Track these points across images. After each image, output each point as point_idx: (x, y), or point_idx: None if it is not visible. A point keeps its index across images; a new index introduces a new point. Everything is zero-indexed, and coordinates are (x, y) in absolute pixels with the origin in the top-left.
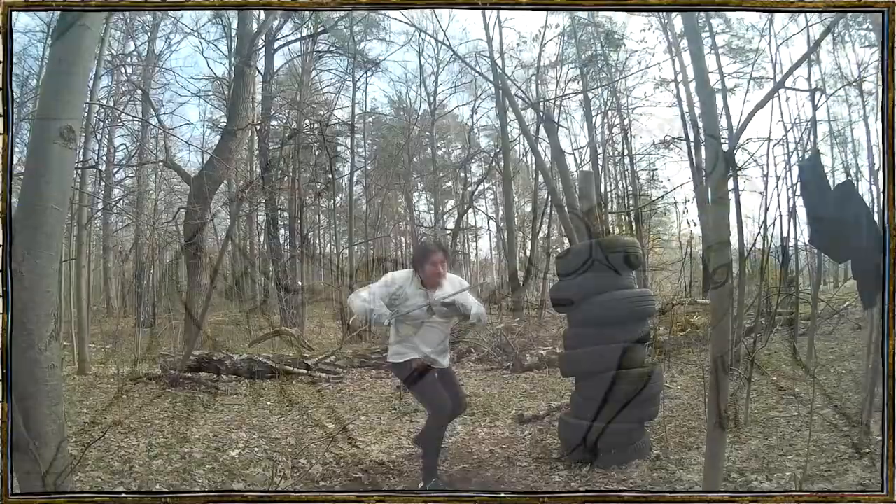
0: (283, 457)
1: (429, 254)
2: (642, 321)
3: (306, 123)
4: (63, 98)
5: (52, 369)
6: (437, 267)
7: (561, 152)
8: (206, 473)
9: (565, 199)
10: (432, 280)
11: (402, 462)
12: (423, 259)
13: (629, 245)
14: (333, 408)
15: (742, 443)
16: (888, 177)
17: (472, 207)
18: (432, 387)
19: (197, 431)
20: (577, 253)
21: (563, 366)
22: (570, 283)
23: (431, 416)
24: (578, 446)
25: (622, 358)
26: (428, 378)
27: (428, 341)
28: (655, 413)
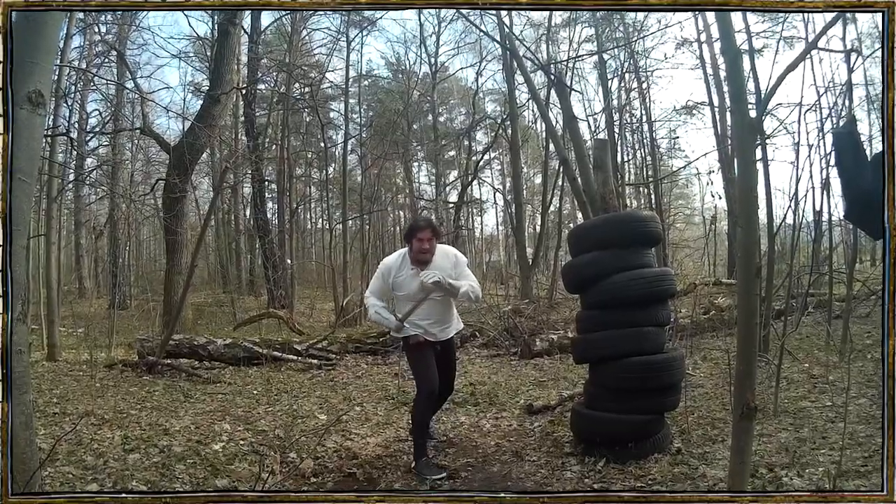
0: (270, 451)
1: (414, 230)
2: (662, 303)
3: (296, 87)
4: (30, 59)
5: (19, 355)
6: (423, 244)
7: (574, 119)
8: (186, 469)
9: (578, 170)
10: (417, 257)
11: (401, 456)
12: (410, 235)
13: (648, 220)
14: (326, 397)
15: (771, 435)
16: (888, 177)
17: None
18: (424, 362)
19: (177, 423)
20: (592, 228)
21: (576, 351)
22: (584, 261)
23: (417, 390)
24: (592, 439)
25: (640, 343)
26: (423, 352)
27: (428, 314)
28: (676, 403)
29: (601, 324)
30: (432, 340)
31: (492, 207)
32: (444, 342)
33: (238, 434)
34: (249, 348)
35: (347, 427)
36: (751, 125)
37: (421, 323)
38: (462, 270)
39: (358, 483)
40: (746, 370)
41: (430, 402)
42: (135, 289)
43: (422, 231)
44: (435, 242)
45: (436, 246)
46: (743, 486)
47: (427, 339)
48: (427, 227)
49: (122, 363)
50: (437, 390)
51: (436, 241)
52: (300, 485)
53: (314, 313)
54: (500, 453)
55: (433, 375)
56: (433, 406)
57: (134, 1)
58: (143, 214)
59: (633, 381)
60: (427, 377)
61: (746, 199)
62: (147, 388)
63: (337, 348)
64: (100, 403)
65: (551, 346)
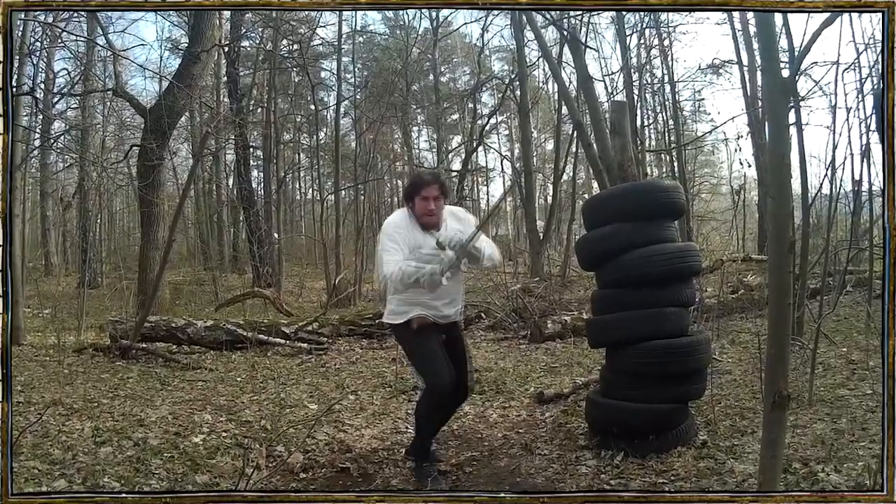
0: (255, 444)
1: (418, 187)
2: (686, 281)
3: (284, 44)
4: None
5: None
6: (429, 203)
7: (589, 79)
8: (163, 463)
9: (594, 135)
10: (423, 219)
11: (399, 449)
12: (412, 193)
13: (670, 189)
14: (316, 385)
15: (806, 427)
16: (888, 177)
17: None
18: (432, 351)
19: (153, 413)
20: (609, 199)
21: (592, 334)
22: (600, 235)
23: (425, 389)
24: (609, 431)
25: (662, 325)
26: (430, 339)
27: (437, 292)
28: (702, 391)
29: (619, 304)
30: (442, 323)
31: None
32: (451, 325)
33: (220, 425)
34: (232, 331)
35: (340, 417)
36: (783, 86)
37: (433, 303)
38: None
39: (352, 479)
40: (778, 355)
41: (441, 404)
42: (107, 266)
43: (427, 187)
44: (443, 202)
45: (443, 206)
46: (775, 482)
47: (436, 322)
48: (433, 182)
49: (92, 347)
50: (450, 386)
51: (443, 201)
52: (288, 481)
53: (304, 293)
54: (508, 446)
55: (447, 369)
56: (445, 411)
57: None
58: (116, 184)
59: (653, 366)
60: (439, 371)
61: (778, 166)
62: (120, 375)
63: (329, 331)
64: (68, 392)
65: (564, 329)
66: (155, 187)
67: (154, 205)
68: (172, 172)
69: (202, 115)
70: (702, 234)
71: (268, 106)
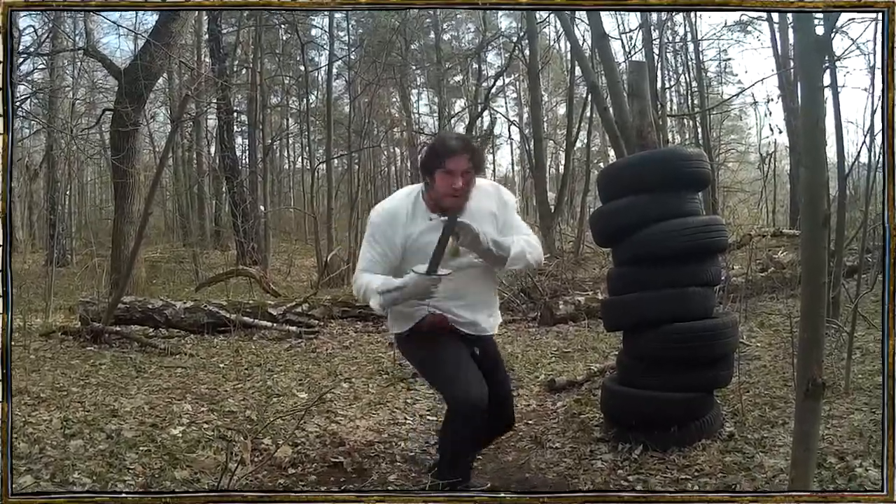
0: (240, 436)
1: (441, 156)
2: (711, 258)
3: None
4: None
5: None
6: (455, 179)
7: (604, 37)
8: (139, 458)
9: (610, 98)
10: (445, 200)
11: (396, 442)
12: (433, 163)
13: (694, 158)
14: (306, 371)
15: (842, 417)
16: (888, 177)
17: (487, 109)
18: (452, 358)
19: (127, 403)
20: (626, 168)
21: (608, 317)
22: (617, 207)
23: (447, 410)
24: (627, 422)
25: (684, 306)
26: (448, 343)
27: (458, 292)
28: (728, 378)
29: (637, 283)
30: (467, 333)
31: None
32: (481, 339)
33: (201, 416)
34: (215, 313)
35: (332, 407)
36: (817, 44)
37: (447, 304)
38: (511, 218)
39: (345, 475)
40: (812, 339)
41: (471, 425)
42: (77, 241)
43: (453, 157)
44: (474, 178)
45: (474, 183)
46: (808, 478)
47: (455, 327)
48: (462, 150)
49: (61, 331)
50: (483, 403)
51: (475, 177)
52: (276, 477)
53: (292, 271)
54: (517, 439)
55: (474, 378)
56: (478, 435)
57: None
58: (87, 152)
59: (675, 351)
60: (462, 379)
61: (812, 132)
62: (91, 361)
63: (320, 313)
64: (35, 379)
65: (577, 311)
66: (130, 156)
67: (129, 175)
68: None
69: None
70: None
71: (253, 66)
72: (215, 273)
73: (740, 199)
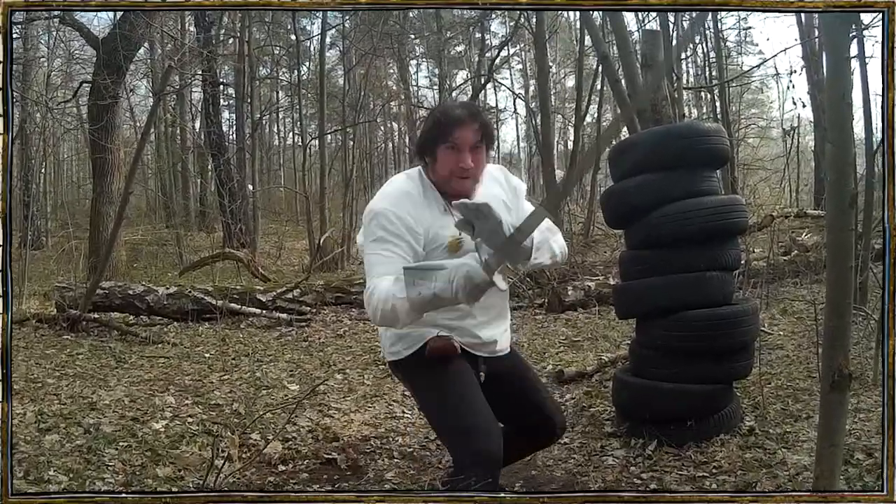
0: (227, 431)
1: (446, 128)
2: (730, 240)
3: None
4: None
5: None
6: (462, 156)
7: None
8: (119, 454)
9: (622, 70)
10: (453, 185)
11: (393, 437)
12: (436, 137)
13: (712, 133)
14: (298, 362)
15: (870, 411)
16: (888, 177)
17: (491, 81)
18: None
19: (106, 395)
20: (640, 145)
21: (620, 303)
22: (630, 186)
23: (460, 467)
24: (640, 416)
25: (701, 292)
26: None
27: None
28: (749, 369)
29: (652, 267)
30: (474, 354)
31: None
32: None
33: (185, 409)
34: (200, 299)
35: (325, 400)
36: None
37: (458, 322)
38: (523, 207)
39: (339, 472)
40: (838, 327)
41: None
42: (52, 223)
43: (461, 127)
44: (485, 155)
45: (486, 162)
46: (834, 476)
47: (466, 350)
48: (470, 119)
49: (35, 318)
50: (497, 447)
51: (486, 153)
52: (265, 474)
53: (283, 254)
54: None
55: (493, 426)
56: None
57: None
58: (64, 127)
59: (692, 340)
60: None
61: (838, 106)
62: (68, 351)
63: (312, 299)
64: None
65: (587, 297)
66: (109, 131)
67: (108, 151)
68: (129, 113)
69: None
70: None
71: (241, 36)
72: (200, 256)
73: (761, 178)
